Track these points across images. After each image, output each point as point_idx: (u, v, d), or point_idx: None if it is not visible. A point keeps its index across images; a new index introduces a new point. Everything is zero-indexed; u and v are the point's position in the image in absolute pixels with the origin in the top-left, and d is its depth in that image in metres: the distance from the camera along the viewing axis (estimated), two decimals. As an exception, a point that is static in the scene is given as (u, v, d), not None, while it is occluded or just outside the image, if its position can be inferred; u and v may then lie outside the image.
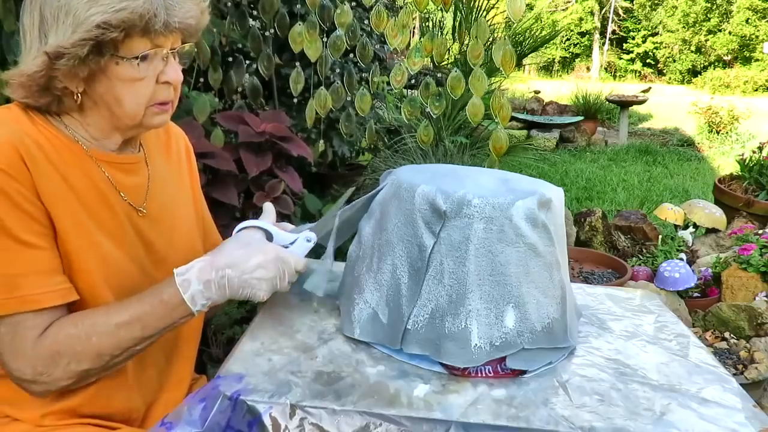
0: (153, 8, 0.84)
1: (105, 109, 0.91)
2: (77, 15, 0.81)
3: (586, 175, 6.08)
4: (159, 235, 1.02)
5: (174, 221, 1.06)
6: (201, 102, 1.96)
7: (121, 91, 0.88)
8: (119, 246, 0.95)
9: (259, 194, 1.88)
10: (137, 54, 0.86)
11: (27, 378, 0.84)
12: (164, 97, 0.93)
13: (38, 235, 0.84)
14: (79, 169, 0.91)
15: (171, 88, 0.93)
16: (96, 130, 0.93)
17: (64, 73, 0.84)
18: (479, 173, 1.00)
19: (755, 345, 2.14)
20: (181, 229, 1.07)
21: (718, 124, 8.12)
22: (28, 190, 0.83)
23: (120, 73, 0.87)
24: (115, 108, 0.90)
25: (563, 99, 9.77)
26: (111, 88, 0.88)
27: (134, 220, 0.98)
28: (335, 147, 3.06)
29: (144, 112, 0.91)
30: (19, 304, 0.83)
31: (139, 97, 0.90)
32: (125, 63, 0.86)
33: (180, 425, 0.74)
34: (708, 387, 0.85)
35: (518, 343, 0.84)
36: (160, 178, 1.05)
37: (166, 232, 1.03)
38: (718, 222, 3.17)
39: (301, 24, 1.95)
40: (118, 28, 0.82)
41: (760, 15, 19.61)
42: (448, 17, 4.78)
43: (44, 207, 0.85)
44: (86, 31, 0.81)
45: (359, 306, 0.92)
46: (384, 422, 0.74)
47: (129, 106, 0.90)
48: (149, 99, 0.91)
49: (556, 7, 23.21)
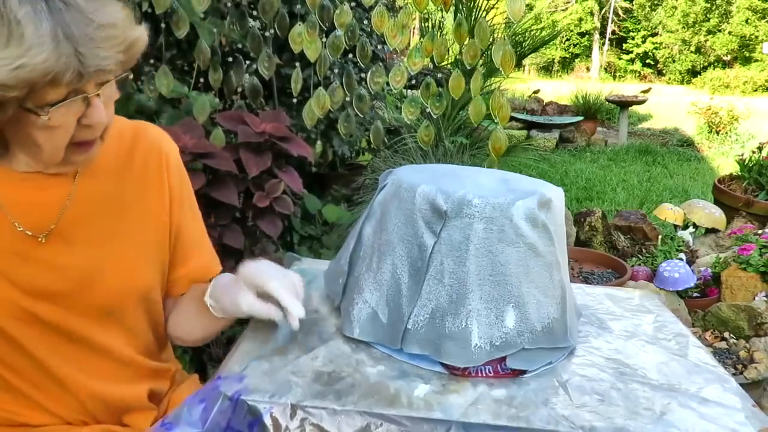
0: (59, 63, 0.70)
1: (20, 149, 0.83)
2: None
3: (585, 175, 6.09)
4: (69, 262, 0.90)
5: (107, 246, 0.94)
6: (201, 102, 1.96)
7: (37, 137, 0.78)
8: (4, 273, 0.85)
9: (258, 194, 1.88)
10: (51, 102, 0.74)
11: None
12: (86, 137, 0.82)
13: None
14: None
15: (94, 128, 0.82)
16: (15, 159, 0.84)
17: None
18: (479, 173, 1.00)
19: (755, 345, 2.14)
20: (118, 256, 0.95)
21: (718, 125, 8.12)
22: None
23: (33, 121, 0.76)
24: (32, 149, 0.81)
25: (563, 99, 9.77)
26: (24, 133, 0.78)
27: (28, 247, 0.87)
28: (335, 147, 3.06)
29: (65, 151, 0.82)
30: None
31: (57, 141, 0.79)
32: (33, 114, 0.74)
33: (180, 426, 0.74)
34: (708, 387, 0.85)
35: (518, 343, 0.84)
36: (95, 200, 0.93)
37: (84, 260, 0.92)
38: (718, 222, 3.17)
39: (300, 24, 1.95)
40: (16, 87, 0.70)
41: (760, 15, 19.61)
42: (449, 17, 4.78)
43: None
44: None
45: (359, 306, 0.92)
46: (384, 422, 0.74)
47: (47, 150, 0.80)
48: (70, 140, 0.81)
49: (556, 8, 23.21)
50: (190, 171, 1.74)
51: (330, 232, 2.63)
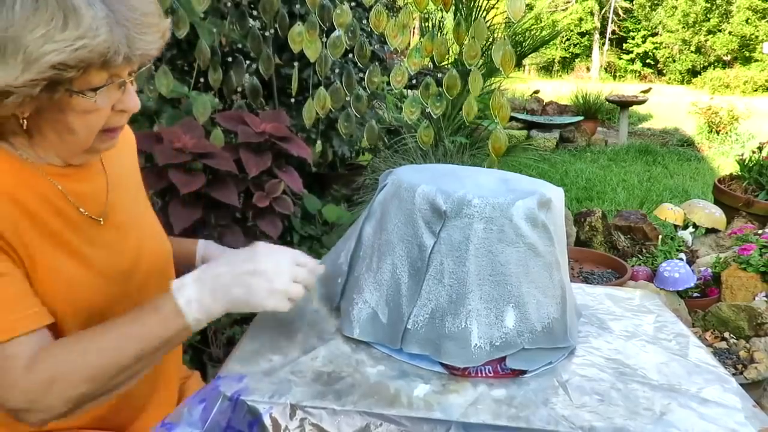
0: (114, 44, 0.76)
1: (53, 136, 0.85)
2: (29, 52, 0.73)
3: (586, 175, 6.08)
4: (124, 242, 0.97)
5: (139, 223, 1.01)
6: (201, 102, 1.96)
7: (73, 122, 0.82)
8: (82, 261, 0.90)
9: (258, 194, 1.88)
10: (94, 87, 0.80)
11: (21, 408, 0.80)
12: (117, 123, 0.88)
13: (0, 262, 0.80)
14: (30, 188, 0.85)
15: (125, 114, 0.88)
16: (42, 150, 0.87)
17: (9, 108, 0.78)
18: (479, 173, 1.00)
19: (755, 345, 2.14)
20: (147, 232, 1.03)
21: (718, 124, 8.12)
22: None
23: (74, 105, 0.81)
24: (65, 136, 0.85)
25: (563, 99, 9.76)
26: (63, 119, 0.82)
27: (95, 230, 0.93)
28: (335, 147, 3.06)
29: (95, 138, 0.86)
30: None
31: (93, 127, 0.84)
32: (80, 96, 0.80)
33: (180, 426, 0.74)
34: (708, 387, 0.85)
35: (518, 343, 0.84)
36: (119, 181, 1.00)
37: (133, 237, 0.99)
38: (718, 222, 3.17)
39: (300, 24, 1.95)
40: (75, 67, 0.75)
41: (760, 15, 19.60)
42: (448, 17, 4.78)
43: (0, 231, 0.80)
44: (39, 72, 0.74)
45: (359, 306, 0.92)
46: (384, 422, 0.74)
47: (81, 135, 0.84)
48: (102, 127, 0.86)
49: (556, 8, 23.21)
50: (190, 171, 1.75)
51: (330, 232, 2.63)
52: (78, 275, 0.89)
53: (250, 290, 0.84)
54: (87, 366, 0.81)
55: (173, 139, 1.72)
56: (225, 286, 0.84)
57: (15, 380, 0.79)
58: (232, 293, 0.84)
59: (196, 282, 0.84)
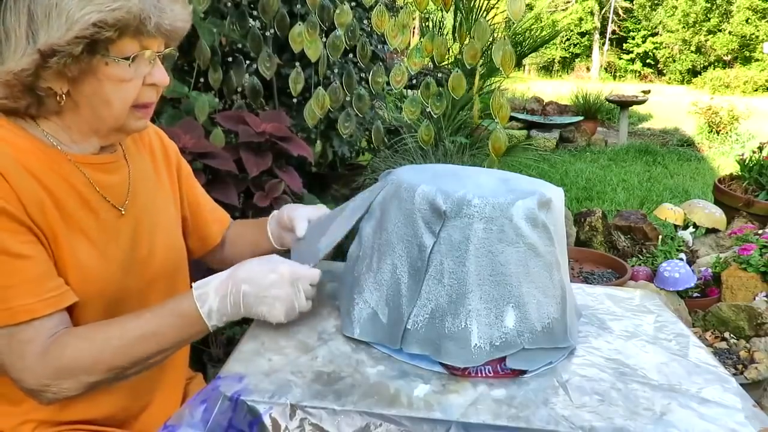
0: (146, 9, 0.84)
1: (88, 111, 0.90)
2: (71, 14, 0.81)
3: (586, 175, 6.09)
4: (141, 235, 1.01)
5: (155, 219, 1.05)
6: (201, 102, 1.96)
7: (109, 92, 0.88)
8: (101, 250, 0.94)
9: (259, 194, 1.88)
10: (127, 55, 0.87)
11: (34, 389, 0.84)
12: (148, 99, 0.94)
13: (24, 244, 0.83)
14: (56, 173, 0.90)
15: (155, 90, 0.94)
16: (75, 133, 0.92)
17: (53, 73, 0.84)
18: (479, 173, 1.00)
19: (755, 345, 2.14)
20: (162, 227, 1.07)
21: (718, 124, 8.12)
22: (10, 199, 0.82)
23: (110, 74, 0.87)
24: (101, 109, 0.89)
25: (563, 99, 9.76)
26: (99, 89, 0.88)
27: (116, 220, 0.97)
28: (335, 147, 3.06)
29: (128, 114, 0.92)
30: (9, 317, 0.82)
31: (126, 98, 0.90)
32: (116, 63, 0.86)
33: (183, 428, 0.74)
34: (708, 387, 0.85)
35: (518, 343, 0.84)
36: (140, 176, 1.05)
37: (148, 230, 1.03)
38: (718, 222, 3.17)
39: (301, 24, 1.95)
40: (113, 27, 0.83)
41: (760, 15, 19.61)
42: (449, 17, 4.78)
43: (27, 214, 0.84)
44: (81, 29, 0.81)
45: (359, 306, 0.92)
46: (384, 422, 0.74)
47: (116, 107, 0.90)
48: (135, 100, 0.91)
49: (556, 7, 23.22)
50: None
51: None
52: (94, 264, 0.92)
53: (271, 310, 0.90)
54: (106, 358, 0.85)
55: (173, 138, 1.72)
56: (248, 305, 0.89)
57: (29, 365, 0.82)
58: (253, 311, 0.90)
59: (218, 294, 0.89)
